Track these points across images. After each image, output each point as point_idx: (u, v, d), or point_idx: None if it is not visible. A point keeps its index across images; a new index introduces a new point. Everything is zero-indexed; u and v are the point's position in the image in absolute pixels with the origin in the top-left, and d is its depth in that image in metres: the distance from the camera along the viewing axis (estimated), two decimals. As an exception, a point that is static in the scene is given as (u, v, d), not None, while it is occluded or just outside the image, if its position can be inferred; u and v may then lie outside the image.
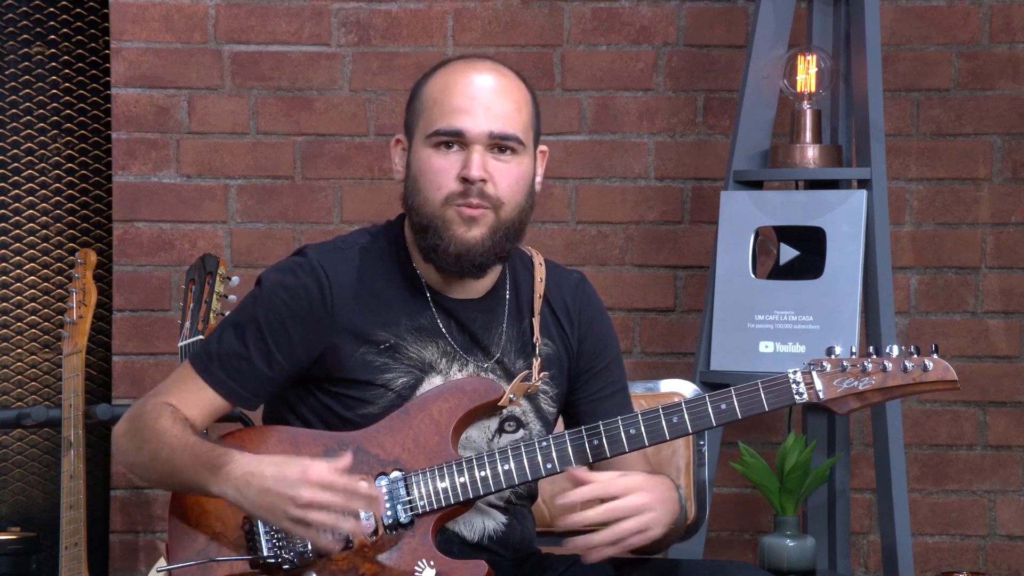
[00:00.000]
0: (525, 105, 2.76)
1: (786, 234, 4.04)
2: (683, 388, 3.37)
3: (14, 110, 4.51)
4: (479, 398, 2.71)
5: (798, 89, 4.09)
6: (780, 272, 4.04)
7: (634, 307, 4.48)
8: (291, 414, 2.77)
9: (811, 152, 4.06)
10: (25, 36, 4.51)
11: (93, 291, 4.02)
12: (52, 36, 4.51)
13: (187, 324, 3.76)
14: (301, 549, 2.62)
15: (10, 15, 4.49)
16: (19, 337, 4.53)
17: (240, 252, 4.44)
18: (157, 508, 4.43)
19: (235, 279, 3.74)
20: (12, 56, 4.50)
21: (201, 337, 3.66)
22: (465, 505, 2.69)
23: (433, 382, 2.74)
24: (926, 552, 4.46)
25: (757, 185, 4.13)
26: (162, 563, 2.76)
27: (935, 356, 2.67)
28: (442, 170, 2.71)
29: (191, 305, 3.80)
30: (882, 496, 3.96)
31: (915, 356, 2.67)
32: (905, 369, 2.66)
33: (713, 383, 4.03)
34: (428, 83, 2.76)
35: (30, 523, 4.48)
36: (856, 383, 2.68)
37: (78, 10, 4.52)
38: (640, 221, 4.48)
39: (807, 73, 4.08)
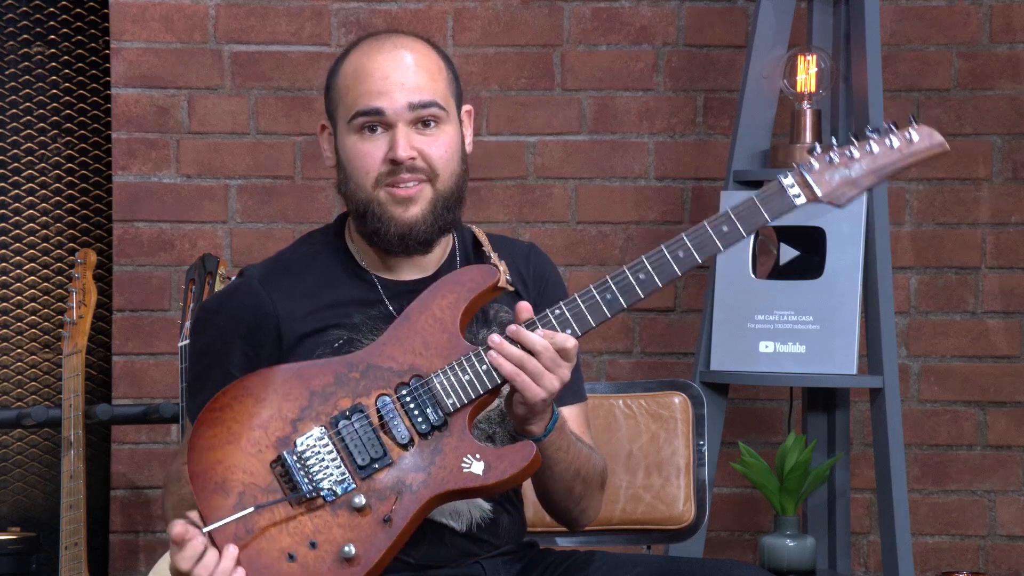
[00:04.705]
0: (440, 72, 2.73)
1: (786, 234, 4.04)
2: (683, 388, 3.37)
3: (14, 110, 4.51)
4: (477, 286, 2.65)
5: (798, 89, 4.09)
6: (780, 272, 4.04)
7: (634, 307, 4.48)
8: None
9: (811, 152, 4.06)
10: (25, 36, 4.51)
11: (93, 291, 4.02)
12: (52, 36, 4.51)
13: (187, 324, 3.76)
14: (340, 477, 2.56)
15: (10, 15, 4.49)
16: (19, 337, 4.53)
17: (240, 252, 4.44)
18: (157, 508, 4.43)
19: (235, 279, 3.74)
20: (12, 56, 4.51)
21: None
22: (493, 393, 2.61)
23: None
24: (926, 552, 4.46)
25: (757, 185, 4.13)
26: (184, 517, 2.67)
27: (917, 125, 2.65)
28: (367, 153, 2.71)
29: (191, 305, 3.80)
30: (882, 496, 3.96)
31: (897, 130, 2.65)
32: (892, 146, 2.65)
33: (713, 383, 4.04)
34: (342, 67, 2.75)
35: (30, 523, 4.48)
36: (847, 172, 2.65)
37: (78, 10, 4.52)
38: (640, 221, 4.48)
39: (807, 73, 4.08)
